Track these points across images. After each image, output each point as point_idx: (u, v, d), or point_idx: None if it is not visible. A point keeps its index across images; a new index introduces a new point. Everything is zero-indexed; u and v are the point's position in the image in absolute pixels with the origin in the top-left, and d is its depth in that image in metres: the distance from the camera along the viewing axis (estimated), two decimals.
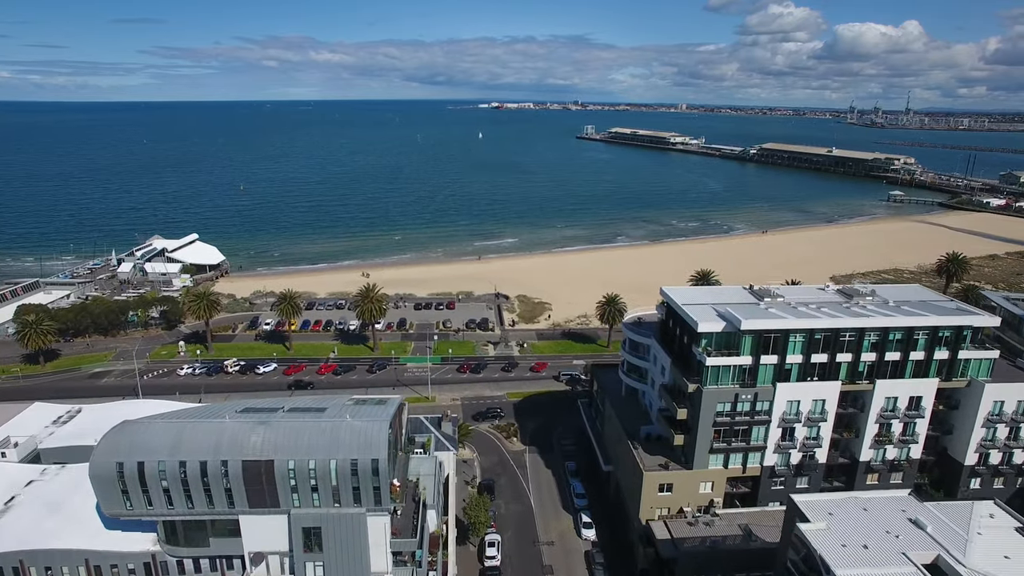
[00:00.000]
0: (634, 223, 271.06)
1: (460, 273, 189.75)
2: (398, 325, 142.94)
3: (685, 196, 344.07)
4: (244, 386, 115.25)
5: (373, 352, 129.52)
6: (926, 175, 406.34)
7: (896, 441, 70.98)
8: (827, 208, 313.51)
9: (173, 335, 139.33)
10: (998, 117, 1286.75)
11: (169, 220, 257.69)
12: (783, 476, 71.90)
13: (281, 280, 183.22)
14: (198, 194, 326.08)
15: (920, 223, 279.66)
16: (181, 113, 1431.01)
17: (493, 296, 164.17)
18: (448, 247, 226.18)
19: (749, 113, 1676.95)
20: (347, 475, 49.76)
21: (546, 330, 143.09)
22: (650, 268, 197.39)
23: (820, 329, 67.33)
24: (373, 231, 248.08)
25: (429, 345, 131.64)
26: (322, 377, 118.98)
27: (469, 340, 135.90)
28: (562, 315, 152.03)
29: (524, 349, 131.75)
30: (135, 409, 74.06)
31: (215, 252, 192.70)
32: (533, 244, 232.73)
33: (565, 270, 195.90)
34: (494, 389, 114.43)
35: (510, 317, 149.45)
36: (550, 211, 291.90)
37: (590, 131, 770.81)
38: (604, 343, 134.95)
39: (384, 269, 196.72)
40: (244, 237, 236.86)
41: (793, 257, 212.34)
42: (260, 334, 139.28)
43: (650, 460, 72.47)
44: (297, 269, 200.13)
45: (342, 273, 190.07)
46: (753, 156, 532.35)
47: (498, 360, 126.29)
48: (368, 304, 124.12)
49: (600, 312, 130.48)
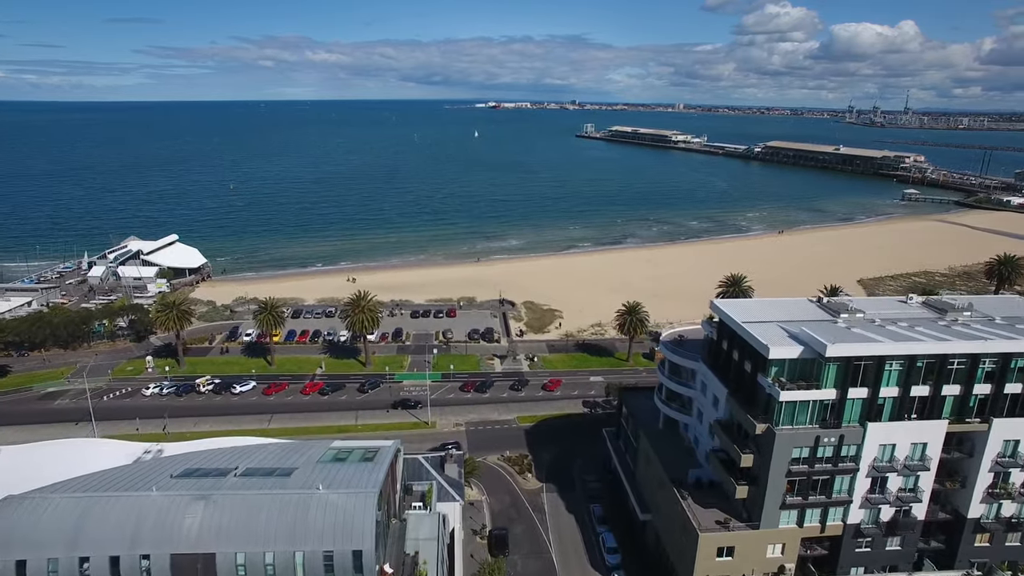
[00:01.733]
0: (643, 223, 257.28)
1: (461, 277, 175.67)
2: (393, 336, 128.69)
3: (693, 195, 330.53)
4: (217, 409, 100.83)
5: (365, 367, 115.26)
6: (938, 173, 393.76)
7: (1016, 494, 57.18)
8: (840, 207, 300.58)
9: (143, 348, 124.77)
10: (997, 117, 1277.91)
11: (151, 220, 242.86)
12: (871, 536, 58.06)
13: (267, 285, 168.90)
14: (185, 193, 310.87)
15: (939, 222, 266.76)
16: (176, 113, 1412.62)
17: (498, 303, 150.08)
18: (448, 249, 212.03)
19: (747, 113, 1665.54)
20: (319, 574, 35.67)
21: (557, 341, 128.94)
22: (666, 270, 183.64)
23: (923, 355, 53.50)
24: (368, 232, 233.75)
25: (428, 359, 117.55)
26: (306, 398, 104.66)
27: (472, 353, 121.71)
28: (574, 324, 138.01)
29: (534, 364, 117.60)
30: (66, 451, 59.89)
31: (196, 254, 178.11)
32: (538, 245, 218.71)
33: (573, 273, 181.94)
34: (502, 411, 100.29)
35: (517, 326, 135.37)
36: (554, 211, 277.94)
37: (590, 129, 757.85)
38: (623, 356, 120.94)
39: (379, 272, 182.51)
40: (231, 238, 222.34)
41: (814, 258, 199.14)
42: (225, 348, 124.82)
43: (704, 516, 58.54)
44: (285, 273, 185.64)
45: (334, 277, 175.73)
46: (757, 154, 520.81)
47: (506, 377, 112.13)
48: (359, 314, 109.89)
49: (619, 322, 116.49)
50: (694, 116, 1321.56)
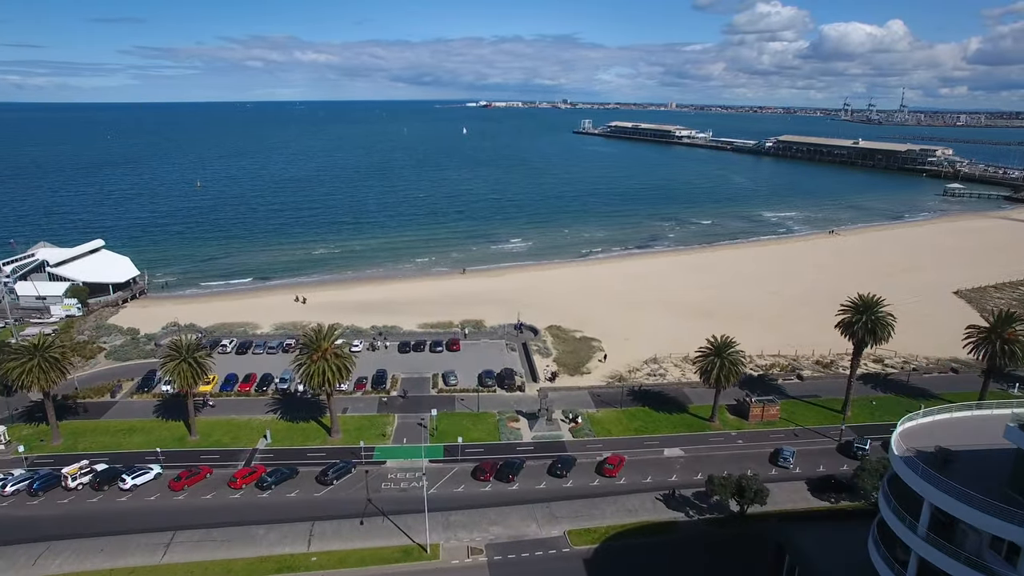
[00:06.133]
0: (667, 223, 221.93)
1: (463, 291, 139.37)
2: (374, 382, 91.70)
3: (716, 192, 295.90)
4: (86, 521, 63.12)
5: (331, 437, 78.48)
6: (974, 168, 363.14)
7: None
8: (882, 204, 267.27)
9: (16, 403, 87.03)
10: (994, 115, 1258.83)
11: (83, 223, 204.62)
12: None
13: (216, 304, 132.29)
14: (142, 194, 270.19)
15: (1005, 220, 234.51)
16: (160, 113, 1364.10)
17: (514, 329, 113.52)
18: (445, 255, 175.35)
19: (739, 111, 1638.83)
20: None
21: (604, 388, 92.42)
22: (719, 278, 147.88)
23: None
24: (350, 236, 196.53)
25: (424, 422, 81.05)
26: (235, 495, 67.45)
27: (487, 410, 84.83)
28: (621, 359, 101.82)
29: (579, 427, 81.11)
30: None
31: (126, 265, 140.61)
32: (551, 251, 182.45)
33: (602, 285, 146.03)
34: (542, 520, 63.63)
35: (545, 366, 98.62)
36: (567, 211, 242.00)
37: (587, 126, 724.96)
38: (703, 412, 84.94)
39: (360, 286, 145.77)
40: (190, 244, 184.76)
41: (888, 264, 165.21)
42: (122, 399, 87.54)
43: None
44: (243, 287, 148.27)
45: (301, 292, 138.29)
46: (769, 149, 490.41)
47: (541, 452, 75.77)
48: (319, 363, 72.89)
49: (701, 367, 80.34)
50: (691, 114, 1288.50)
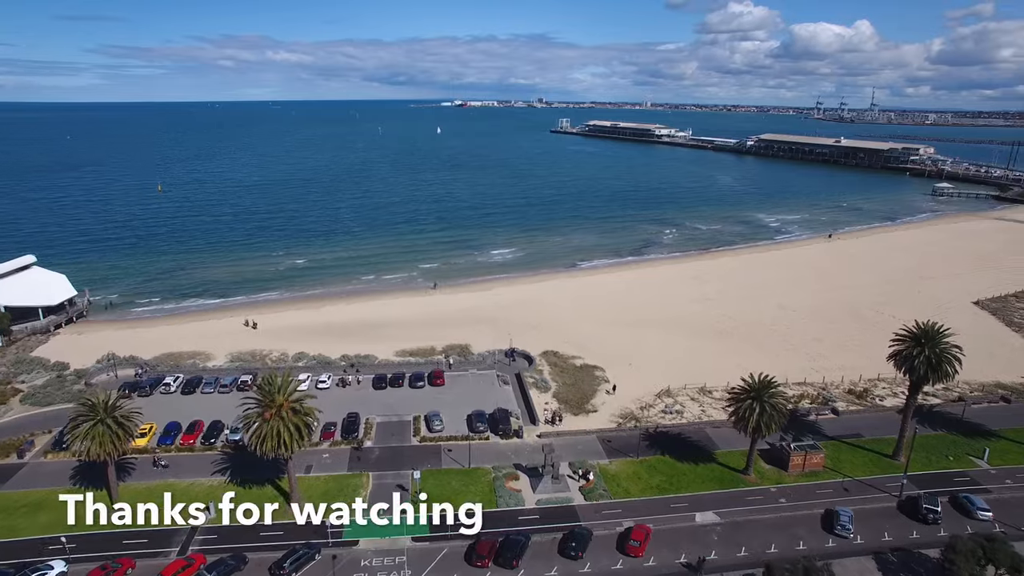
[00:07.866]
0: (659, 227, 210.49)
1: (445, 310, 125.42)
2: (344, 430, 77.40)
3: (704, 193, 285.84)
4: None
5: (291, 507, 64.11)
6: (958, 167, 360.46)
7: None
8: (874, 205, 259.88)
9: None
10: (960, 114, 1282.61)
11: (30, 237, 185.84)
12: None
13: (164, 328, 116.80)
14: (93, 201, 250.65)
15: (1000, 220, 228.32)
16: (127, 113, 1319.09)
17: (505, 356, 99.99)
18: (423, 267, 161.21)
19: (713, 110, 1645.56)
20: None
21: (613, 431, 79.32)
22: (720, 289, 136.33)
23: None
24: (321, 248, 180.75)
25: (405, 484, 67.18)
26: None
27: (481, 465, 71.24)
28: (629, 391, 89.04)
29: (590, 486, 67.89)
30: None
31: (62, 284, 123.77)
32: (538, 260, 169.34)
33: (598, 298, 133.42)
34: None
35: (544, 403, 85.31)
36: (551, 216, 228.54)
37: (565, 124, 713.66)
38: (734, 462, 72.50)
39: (330, 304, 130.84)
40: (140, 256, 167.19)
41: (896, 270, 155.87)
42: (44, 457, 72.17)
43: None
44: (197, 307, 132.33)
45: (264, 314, 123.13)
46: (751, 148, 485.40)
47: (547, 521, 62.47)
48: (271, 423, 58.57)
49: (735, 412, 67.76)
50: (667, 113, 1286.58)
